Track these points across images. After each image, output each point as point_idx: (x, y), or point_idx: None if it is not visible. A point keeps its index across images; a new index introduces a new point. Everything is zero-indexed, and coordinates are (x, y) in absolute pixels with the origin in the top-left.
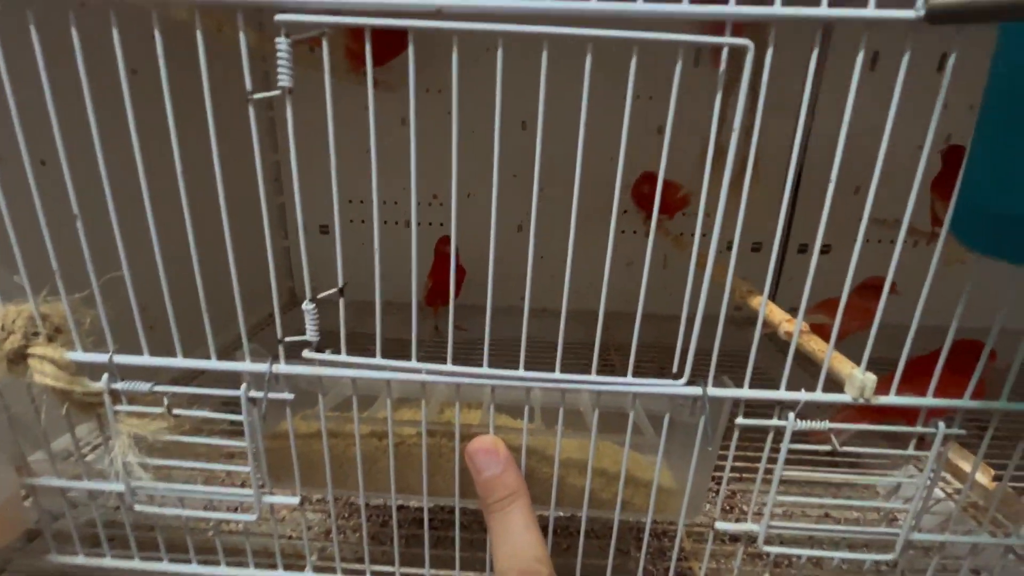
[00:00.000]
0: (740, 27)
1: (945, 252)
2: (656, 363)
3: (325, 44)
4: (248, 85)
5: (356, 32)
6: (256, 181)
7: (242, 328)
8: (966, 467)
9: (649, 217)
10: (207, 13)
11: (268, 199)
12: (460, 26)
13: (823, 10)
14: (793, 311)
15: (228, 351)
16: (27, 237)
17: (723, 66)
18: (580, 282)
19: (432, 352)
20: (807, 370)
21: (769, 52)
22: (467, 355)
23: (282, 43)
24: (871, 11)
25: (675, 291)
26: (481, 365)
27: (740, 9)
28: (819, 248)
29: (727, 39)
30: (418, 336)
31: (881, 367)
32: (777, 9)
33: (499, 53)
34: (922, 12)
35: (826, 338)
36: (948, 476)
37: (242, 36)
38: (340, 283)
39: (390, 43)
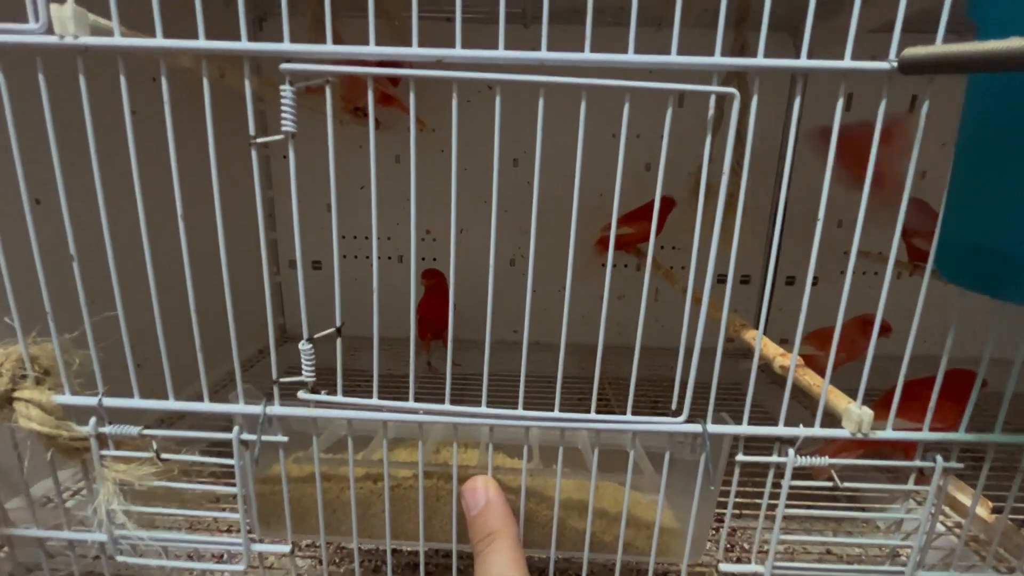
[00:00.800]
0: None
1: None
2: (649, 397)
3: (328, 91)
4: (251, 130)
5: (348, 77)
6: (247, 218)
7: (236, 369)
8: (964, 500)
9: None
10: (212, 61)
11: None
12: (460, 75)
13: (803, 61)
14: (784, 343)
15: (214, 390)
16: (16, 276)
17: (711, 111)
18: (572, 315)
19: (425, 387)
20: (800, 402)
21: (754, 100)
22: (460, 390)
23: (287, 91)
24: (847, 62)
25: (666, 323)
26: (474, 401)
27: (725, 60)
28: (811, 282)
29: (714, 88)
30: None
31: (871, 397)
32: (760, 60)
33: (497, 101)
34: (895, 63)
35: (814, 369)
36: (946, 509)
37: (247, 84)
38: (338, 322)
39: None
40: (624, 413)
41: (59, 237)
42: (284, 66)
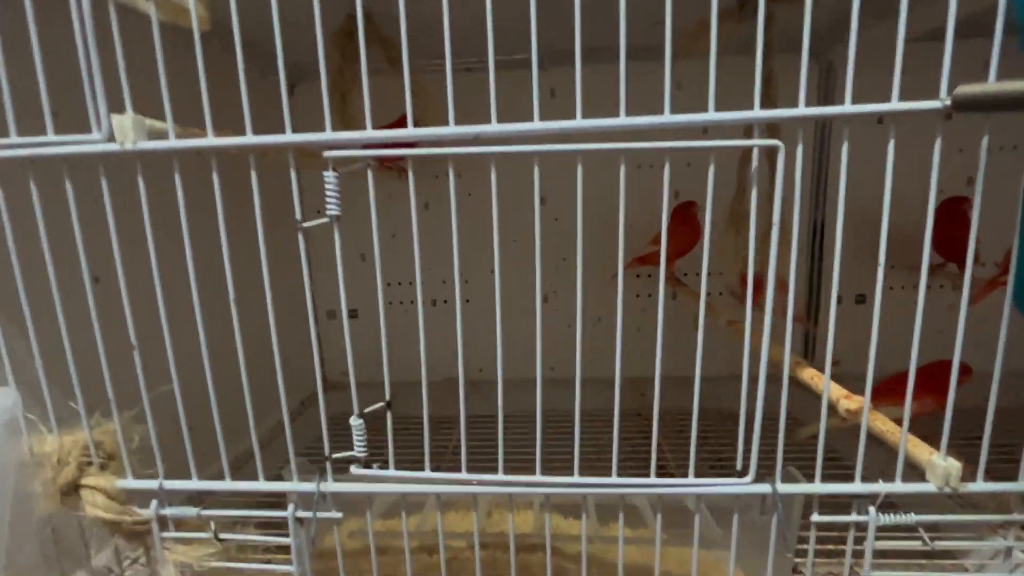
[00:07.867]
0: None
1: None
2: (698, 429)
3: (370, 174)
4: (298, 215)
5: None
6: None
7: (290, 447)
8: None
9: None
10: (260, 152)
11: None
12: (498, 150)
13: (847, 108)
14: (835, 364)
15: (263, 443)
16: (77, 360)
17: (755, 164)
18: (611, 348)
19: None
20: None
21: (799, 149)
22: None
23: (330, 177)
24: (895, 104)
25: (708, 351)
26: (519, 449)
27: (768, 112)
28: (879, 303)
29: (757, 141)
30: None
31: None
32: (803, 110)
33: (535, 169)
34: (948, 102)
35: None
36: None
37: (292, 175)
38: (387, 397)
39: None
40: (675, 452)
41: (114, 321)
42: (328, 153)
